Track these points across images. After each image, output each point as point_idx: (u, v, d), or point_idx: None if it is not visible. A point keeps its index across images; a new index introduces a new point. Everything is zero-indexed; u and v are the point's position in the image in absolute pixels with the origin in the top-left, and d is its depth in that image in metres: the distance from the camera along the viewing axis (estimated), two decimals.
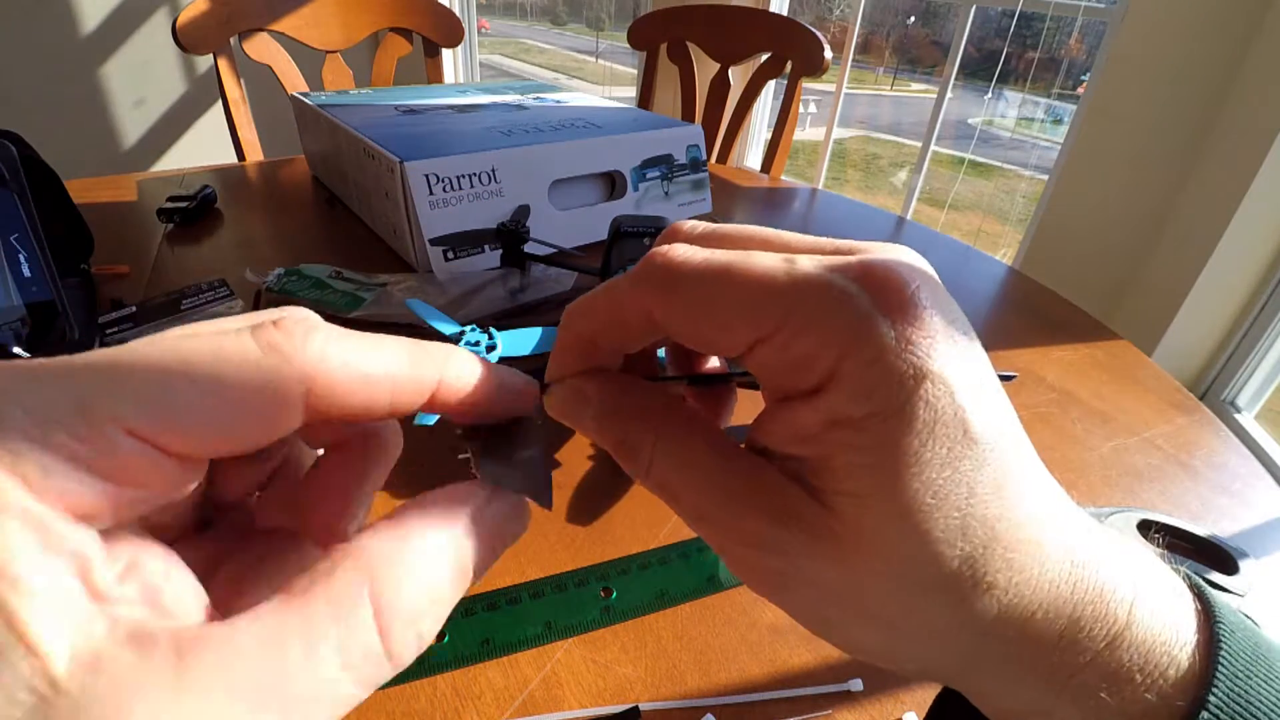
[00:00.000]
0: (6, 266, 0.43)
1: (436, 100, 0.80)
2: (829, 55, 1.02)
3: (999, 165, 4.85)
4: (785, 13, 2.32)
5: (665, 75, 1.21)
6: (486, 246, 0.60)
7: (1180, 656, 0.13)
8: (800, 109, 1.09)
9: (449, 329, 0.42)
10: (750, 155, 2.57)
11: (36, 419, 0.09)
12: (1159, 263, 1.62)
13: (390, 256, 0.64)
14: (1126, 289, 1.70)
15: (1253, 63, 1.43)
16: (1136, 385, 0.53)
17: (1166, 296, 1.56)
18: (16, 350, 0.43)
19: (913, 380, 0.12)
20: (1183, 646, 0.13)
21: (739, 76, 1.11)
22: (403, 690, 0.28)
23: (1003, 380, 0.14)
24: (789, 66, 1.05)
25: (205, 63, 1.88)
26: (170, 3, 1.78)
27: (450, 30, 1.14)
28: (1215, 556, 0.36)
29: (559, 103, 0.81)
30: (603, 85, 6.07)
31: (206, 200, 0.72)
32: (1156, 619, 0.13)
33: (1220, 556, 0.36)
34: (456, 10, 1.77)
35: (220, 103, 0.98)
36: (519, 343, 0.42)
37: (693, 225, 0.16)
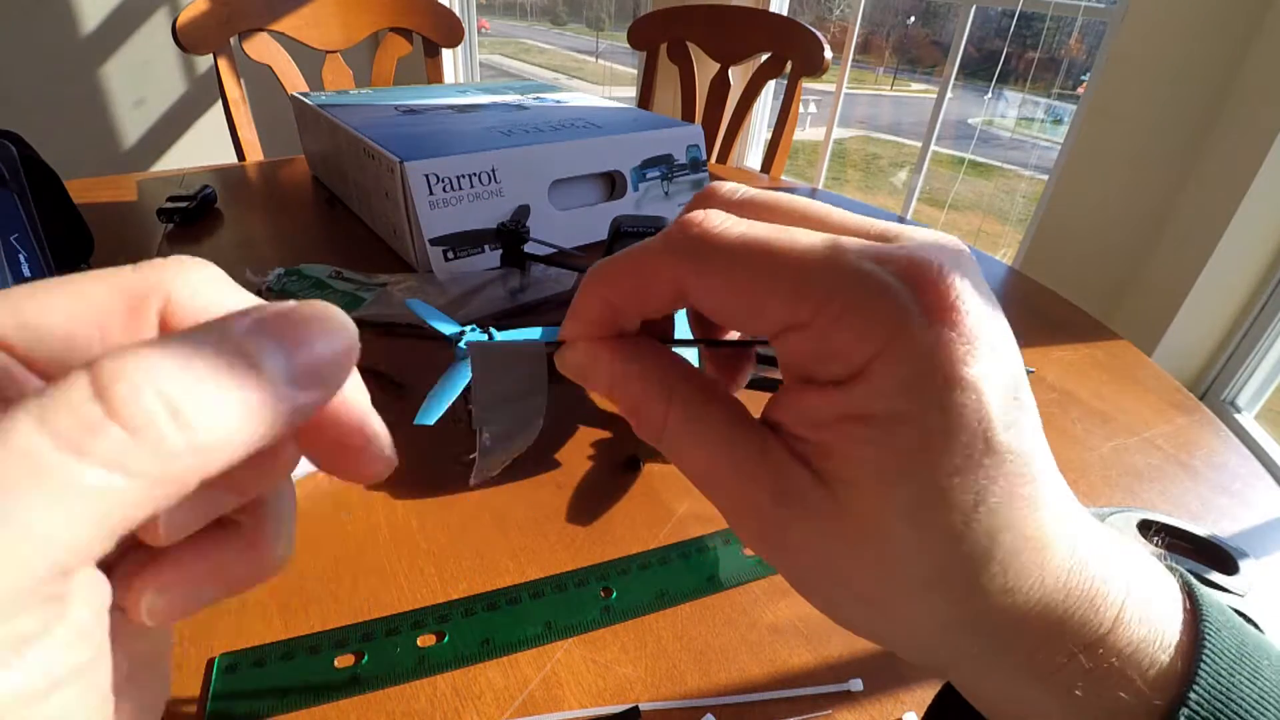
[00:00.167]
0: (6, 266, 0.43)
1: (436, 100, 0.80)
2: (829, 55, 1.02)
3: (999, 165, 4.85)
4: (785, 13, 2.32)
5: (665, 75, 1.21)
6: (486, 246, 0.60)
7: (1161, 657, 0.13)
8: (800, 109, 1.09)
9: (449, 329, 0.42)
10: (750, 155, 2.57)
11: None
12: (1159, 263, 1.62)
13: (390, 256, 0.64)
14: (1126, 289, 1.70)
15: (1253, 63, 1.43)
16: (1136, 385, 0.53)
17: (1166, 296, 1.56)
18: None
19: (943, 386, 0.12)
20: (1165, 648, 0.13)
21: (739, 76, 1.11)
22: (403, 690, 0.28)
23: None
24: (789, 66, 1.05)
25: (205, 63, 1.88)
26: (170, 3, 1.78)
27: (450, 30, 1.14)
28: (1215, 556, 0.36)
29: (559, 103, 0.81)
30: (603, 85, 6.08)
31: (206, 200, 0.72)
32: (1142, 624, 0.13)
33: (1220, 556, 0.36)
34: (456, 10, 1.77)
35: (220, 103, 0.98)
36: None
37: (732, 188, 0.16)
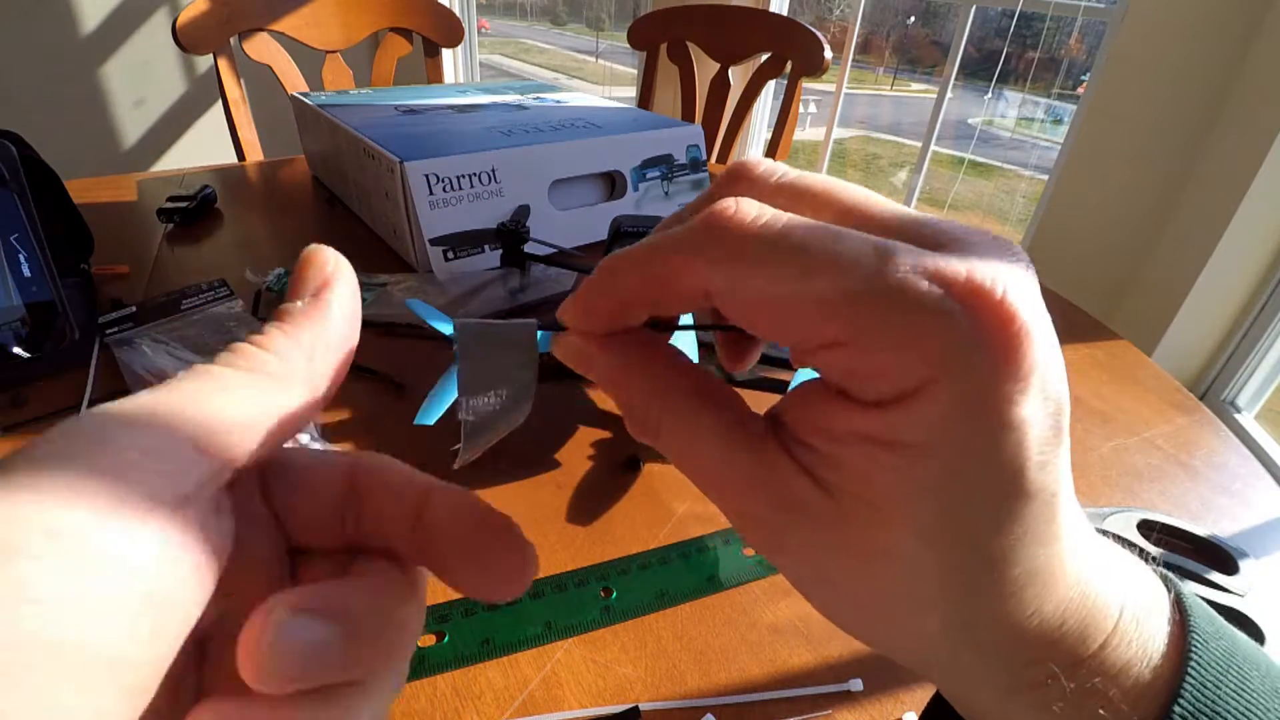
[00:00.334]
0: (6, 266, 0.43)
1: (436, 100, 0.80)
2: (829, 55, 1.02)
3: (999, 165, 4.85)
4: (785, 13, 2.32)
5: (665, 75, 1.21)
6: (486, 246, 0.60)
7: (1146, 675, 0.13)
8: (800, 109, 1.09)
9: (449, 329, 0.42)
10: (750, 155, 2.57)
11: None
12: (1159, 263, 1.62)
13: (390, 256, 0.64)
14: (1126, 289, 1.70)
15: (1253, 63, 1.43)
16: (1136, 385, 0.53)
17: (1166, 296, 1.56)
18: (16, 350, 0.43)
19: (986, 429, 0.11)
20: (1152, 666, 0.13)
21: (739, 76, 1.11)
22: (403, 690, 0.28)
23: None
24: (789, 66, 1.05)
25: (205, 63, 1.88)
26: (170, 3, 1.78)
27: (450, 30, 1.14)
28: (1215, 556, 0.36)
29: (559, 103, 0.81)
30: (603, 85, 6.07)
31: (206, 200, 0.72)
32: (1131, 645, 0.13)
33: (1220, 556, 0.36)
34: (456, 10, 1.77)
35: (220, 103, 0.98)
36: None
37: (769, 168, 0.14)
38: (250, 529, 0.12)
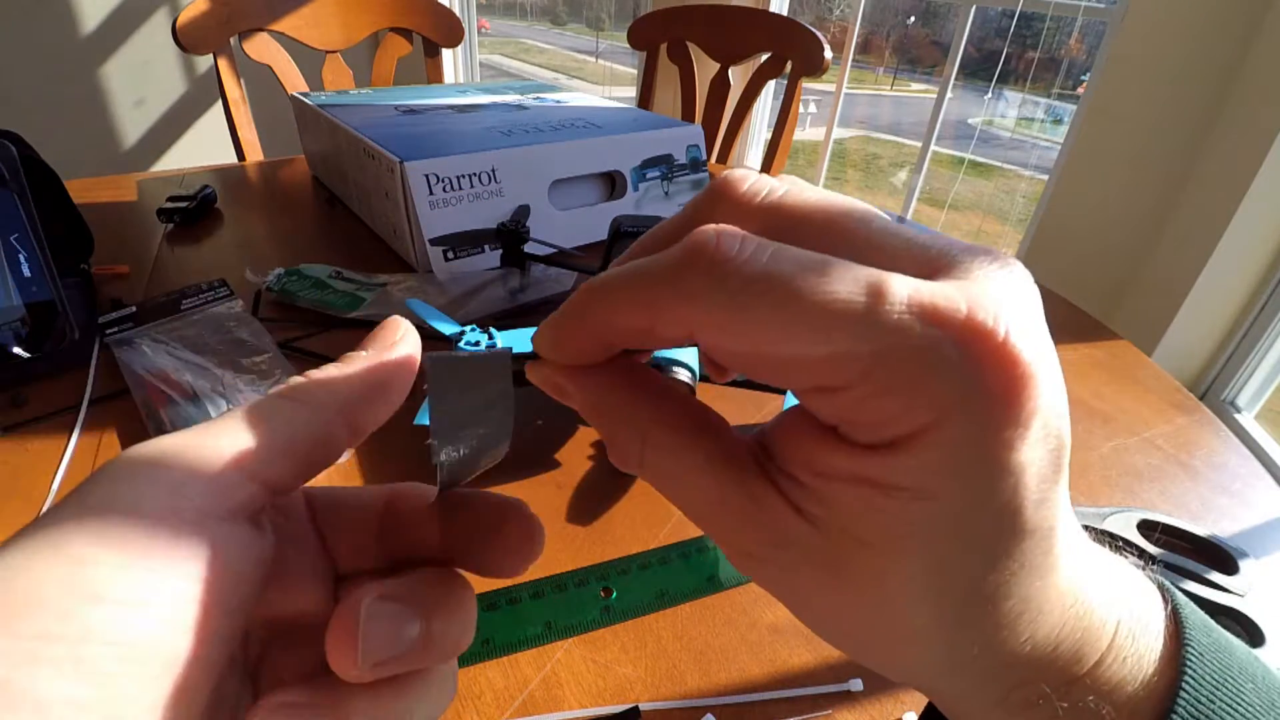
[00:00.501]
0: (6, 266, 0.43)
1: (436, 100, 0.80)
2: (829, 55, 1.02)
3: (999, 165, 4.85)
4: (785, 13, 2.32)
5: (665, 75, 1.21)
6: (486, 246, 0.60)
7: (1140, 691, 0.13)
8: (800, 109, 1.09)
9: (449, 329, 0.42)
10: (750, 155, 2.57)
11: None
12: (1159, 263, 1.62)
13: (390, 256, 0.64)
14: (1126, 289, 1.70)
15: (1253, 63, 1.43)
16: (1136, 385, 0.53)
17: (1166, 296, 1.56)
18: (16, 350, 0.43)
19: (984, 474, 0.11)
20: (1145, 683, 0.13)
21: (739, 76, 1.11)
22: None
23: None
24: (789, 66, 1.05)
25: (205, 63, 1.88)
26: (170, 3, 1.78)
27: (450, 30, 1.14)
28: (1215, 556, 0.36)
29: (559, 103, 0.81)
30: (603, 85, 6.07)
31: (206, 200, 0.72)
32: (1125, 662, 0.13)
33: (1220, 556, 0.36)
34: (456, 10, 1.77)
35: (220, 103, 0.98)
36: (519, 343, 0.42)
37: (753, 187, 0.13)
38: (298, 553, 0.15)
